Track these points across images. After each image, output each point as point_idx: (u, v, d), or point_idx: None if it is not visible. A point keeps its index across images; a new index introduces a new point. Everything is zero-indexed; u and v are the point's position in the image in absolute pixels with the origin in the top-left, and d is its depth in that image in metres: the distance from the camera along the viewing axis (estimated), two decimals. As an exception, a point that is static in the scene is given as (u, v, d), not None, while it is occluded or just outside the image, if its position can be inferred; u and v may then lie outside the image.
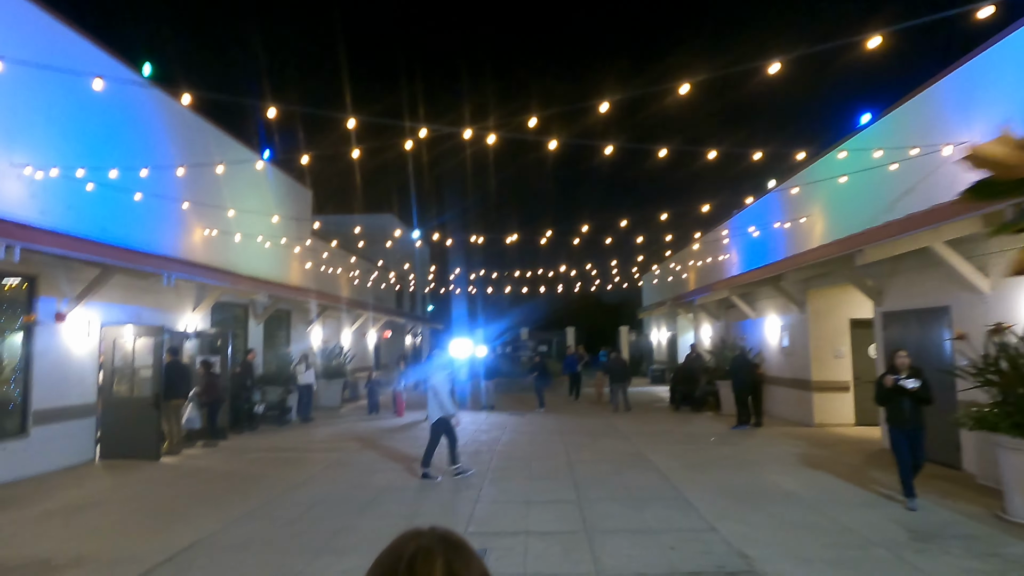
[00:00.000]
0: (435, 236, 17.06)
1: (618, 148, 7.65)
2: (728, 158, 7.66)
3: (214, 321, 14.72)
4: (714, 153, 7.44)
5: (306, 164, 11.06)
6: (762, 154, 7.53)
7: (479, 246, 18.12)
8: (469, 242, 18.32)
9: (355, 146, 8.74)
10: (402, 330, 33.40)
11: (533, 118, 6.34)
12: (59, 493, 8.45)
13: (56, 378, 9.95)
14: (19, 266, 9.29)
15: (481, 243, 18.05)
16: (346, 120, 7.25)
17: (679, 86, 5.72)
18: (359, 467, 10.27)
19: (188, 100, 12.27)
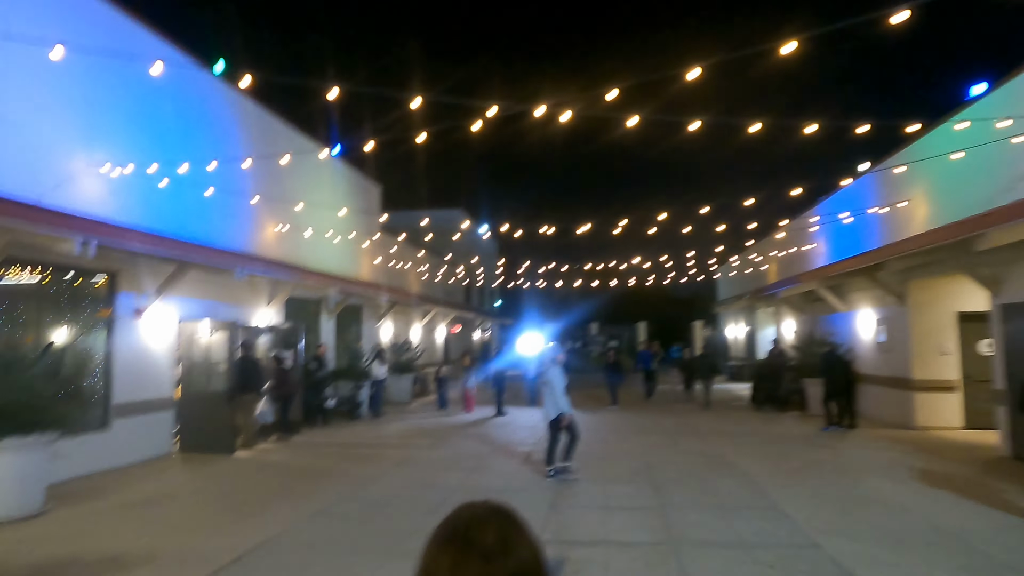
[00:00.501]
0: (503, 229, 16.66)
1: (705, 124, 7.00)
2: (826, 133, 6.88)
3: (287, 316, 14.85)
4: (813, 127, 6.68)
5: (374, 157, 10.93)
6: (868, 127, 6.71)
7: (547, 239, 17.61)
8: (537, 235, 17.84)
9: (423, 130, 8.43)
10: (471, 325, 33.35)
11: (612, 90, 5.80)
12: (137, 486, 8.54)
13: (135, 372, 10.14)
14: (99, 262, 9.46)
15: (549, 235, 17.58)
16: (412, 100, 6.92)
17: (779, 45, 5.07)
18: (429, 465, 10.01)
19: (257, 94, 12.34)
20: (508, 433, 13.49)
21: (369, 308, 19.98)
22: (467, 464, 10.08)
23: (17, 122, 8.27)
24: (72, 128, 9.21)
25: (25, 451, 6.99)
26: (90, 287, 9.61)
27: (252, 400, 11.56)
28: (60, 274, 9.07)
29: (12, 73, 8.24)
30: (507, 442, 12.28)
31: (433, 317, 25.67)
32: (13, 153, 8.15)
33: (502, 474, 9.35)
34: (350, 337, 18.72)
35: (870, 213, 13.99)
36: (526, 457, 10.67)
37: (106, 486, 8.49)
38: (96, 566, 5.62)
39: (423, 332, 24.84)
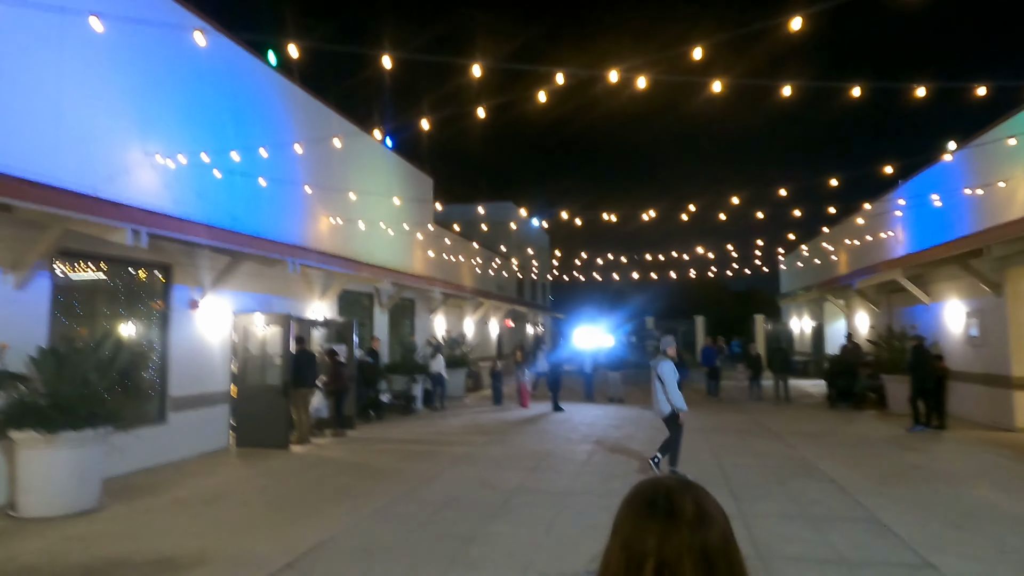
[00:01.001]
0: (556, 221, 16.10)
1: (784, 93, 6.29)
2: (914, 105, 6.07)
3: (341, 309, 14.68)
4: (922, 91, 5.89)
5: (427, 148, 10.61)
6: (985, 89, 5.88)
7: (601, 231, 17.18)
8: (591, 227, 17.26)
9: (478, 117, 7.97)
10: (524, 319, 32.90)
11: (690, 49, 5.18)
12: (192, 482, 8.38)
13: (191, 365, 10.03)
14: (154, 255, 9.35)
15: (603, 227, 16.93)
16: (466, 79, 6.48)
17: None
18: (488, 463, 9.56)
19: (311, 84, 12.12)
20: (567, 430, 12.96)
21: (422, 302, 19.73)
22: (526, 463, 9.59)
23: (72, 114, 8.18)
24: (126, 119, 9.10)
25: (80, 446, 6.85)
26: (145, 280, 9.52)
27: (307, 394, 11.36)
28: (116, 267, 8.98)
29: (67, 64, 8.14)
30: (566, 439, 11.74)
31: (486, 311, 25.32)
32: (68, 145, 8.06)
33: (564, 474, 8.83)
34: (403, 331, 18.50)
35: (964, 194, 12.82)
36: (588, 456, 10.12)
37: (162, 481, 8.36)
38: (146, 568, 5.36)
39: (476, 326, 24.51)
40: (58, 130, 7.96)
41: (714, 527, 1.07)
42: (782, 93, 6.19)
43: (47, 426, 6.59)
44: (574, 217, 16.30)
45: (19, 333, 7.18)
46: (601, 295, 46.64)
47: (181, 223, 7.91)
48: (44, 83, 7.82)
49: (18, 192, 6.17)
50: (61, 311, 8.07)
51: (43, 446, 6.67)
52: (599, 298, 46.41)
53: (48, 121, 7.86)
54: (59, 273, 8.04)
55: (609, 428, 13.27)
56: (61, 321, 8.11)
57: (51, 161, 7.64)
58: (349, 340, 13.16)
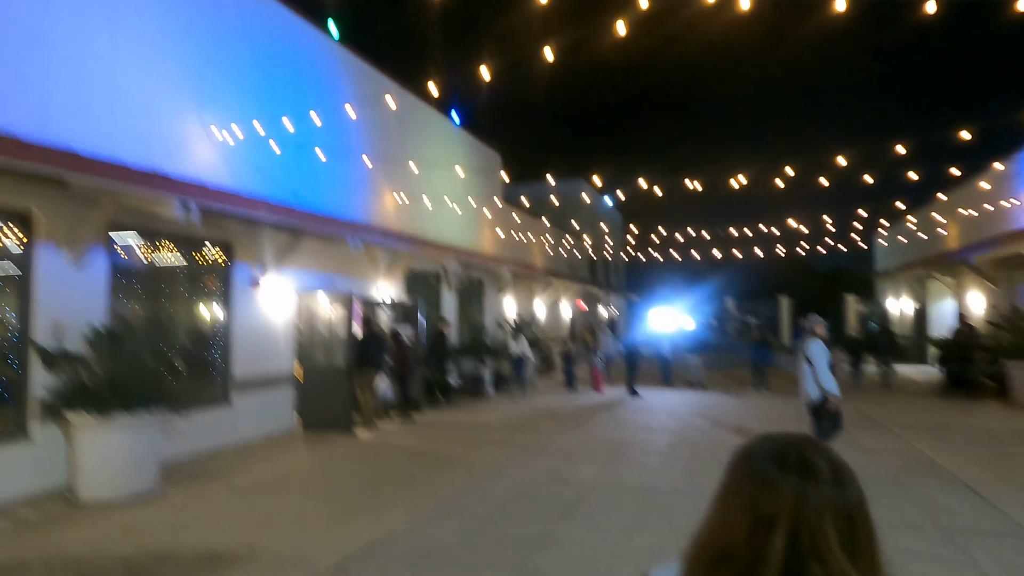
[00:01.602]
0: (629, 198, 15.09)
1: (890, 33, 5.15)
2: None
3: (407, 289, 14.25)
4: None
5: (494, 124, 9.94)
6: None
7: (678, 208, 16.08)
8: (666, 205, 16.14)
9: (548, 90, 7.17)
10: (597, 300, 31.92)
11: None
12: (252, 467, 8.07)
13: (254, 346, 9.77)
14: (214, 232, 9.07)
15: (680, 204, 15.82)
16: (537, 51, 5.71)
17: None
18: (560, 454, 8.85)
19: (375, 59, 11.60)
20: (645, 418, 12.08)
21: (491, 282, 19.15)
22: (602, 454, 8.82)
23: (127, 88, 7.90)
24: (184, 93, 8.80)
25: (135, 430, 6.58)
26: (206, 258, 9.27)
27: (372, 377, 10.97)
28: (175, 245, 8.74)
29: (121, 36, 7.86)
30: (645, 428, 10.88)
31: (558, 292, 24.54)
32: (124, 120, 7.78)
33: (645, 469, 8.01)
34: (472, 312, 17.99)
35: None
36: (670, 448, 9.24)
37: (222, 466, 8.09)
38: (190, 564, 4.95)
39: (547, 307, 23.79)
40: (113, 105, 7.69)
41: (852, 485, 1.00)
42: (918, 13, 5.06)
43: (101, 408, 6.34)
44: (648, 192, 15.23)
45: (76, 312, 6.97)
46: (677, 275, 44.97)
47: (234, 196, 7.53)
48: (98, 56, 7.55)
49: (64, 163, 5.86)
50: (119, 290, 7.86)
51: (97, 429, 6.43)
52: (675, 279, 44.78)
53: (103, 96, 7.59)
54: (117, 251, 7.83)
55: (692, 416, 12.30)
56: (121, 300, 7.92)
57: (107, 137, 7.37)
58: (415, 321, 12.70)
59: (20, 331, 6.68)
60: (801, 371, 7.62)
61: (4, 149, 5.63)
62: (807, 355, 7.49)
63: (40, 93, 6.85)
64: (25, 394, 6.66)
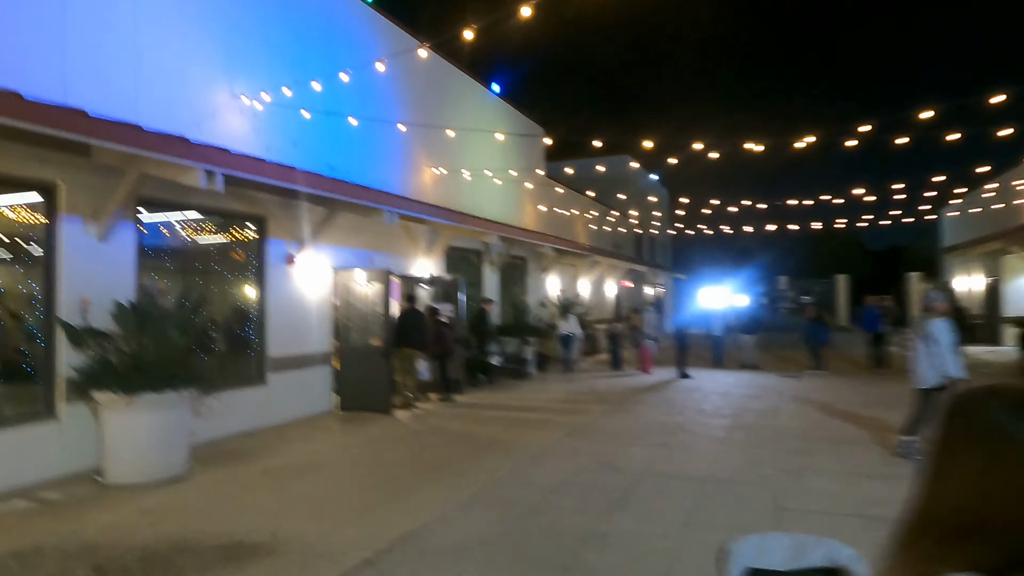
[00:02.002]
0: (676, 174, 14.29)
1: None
2: None
3: (448, 267, 13.83)
4: None
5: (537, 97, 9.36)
6: None
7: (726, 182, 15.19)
8: (715, 178, 15.30)
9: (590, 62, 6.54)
10: (643, 279, 31.04)
11: None
12: (286, 449, 7.77)
13: (290, 324, 9.47)
14: (246, 205, 8.76)
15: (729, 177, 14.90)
16: None
17: None
18: (607, 437, 8.30)
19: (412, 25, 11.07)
20: (697, 400, 11.41)
21: (534, 260, 18.60)
22: (652, 438, 8.24)
23: (153, 55, 7.57)
24: (213, 62, 8.46)
25: (162, 409, 6.31)
26: (239, 234, 8.98)
27: (411, 356, 10.60)
28: (207, 219, 8.46)
29: (146, 2, 7.52)
30: (698, 411, 10.23)
31: (603, 270, 23.83)
32: (148, 88, 7.46)
33: (701, 455, 7.40)
34: (515, 291, 17.50)
35: None
36: (726, 433, 8.59)
37: (256, 447, 7.82)
38: (210, 554, 4.62)
39: (592, 286, 23.12)
40: (137, 72, 7.37)
41: None
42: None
43: (125, 387, 6.07)
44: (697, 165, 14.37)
45: (103, 288, 6.72)
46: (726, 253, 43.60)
47: (261, 164, 7.15)
48: (121, 21, 7.22)
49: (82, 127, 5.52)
50: (148, 266, 7.61)
51: (123, 408, 6.18)
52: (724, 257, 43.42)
53: (127, 63, 7.28)
54: (145, 225, 7.57)
55: (746, 399, 11.57)
56: (150, 276, 7.67)
57: (131, 106, 7.05)
58: (455, 299, 12.27)
59: (45, 307, 6.46)
60: (916, 353, 6.85)
61: (24, 114, 5.32)
62: (927, 335, 6.70)
63: (61, 60, 6.55)
64: (52, 372, 6.46)
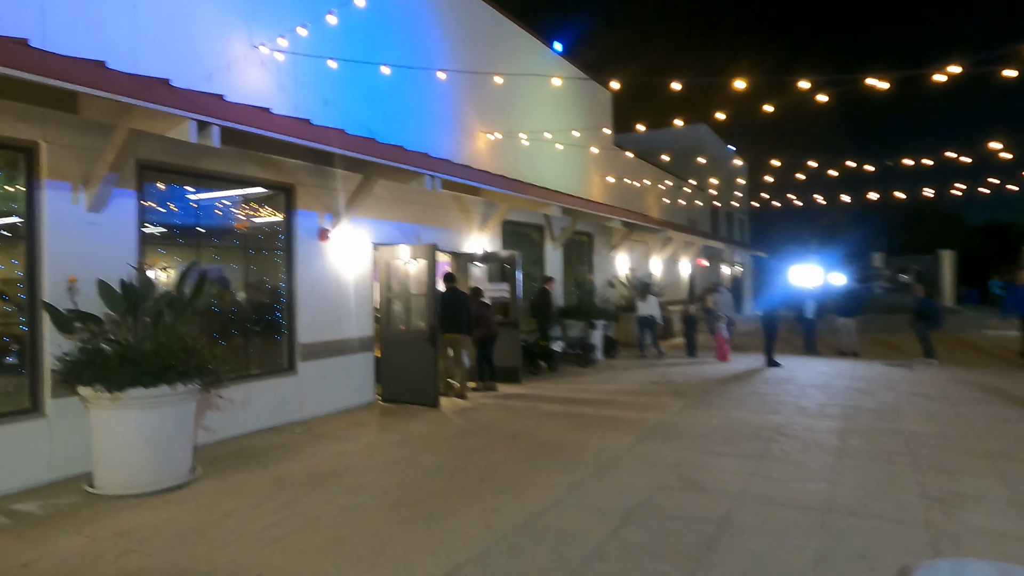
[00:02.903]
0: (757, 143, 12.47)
1: None
2: None
3: (505, 244, 12.57)
4: None
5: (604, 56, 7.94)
6: None
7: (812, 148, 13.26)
8: (799, 143, 13.35)
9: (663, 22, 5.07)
10: (719, 257, 28.90)
11: None
12: (310, 449, 6.74)
13: (324, 307, 8.45)
14: (270, 172, 7.74)
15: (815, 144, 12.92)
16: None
17: None
18: (689, 442, 6.87)
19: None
20: (794, 394, 9.76)
21: (601, 236, 17.10)
22: (746, 445, 6.75)
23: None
24: (229, 5, 7.42)
25: (158, 407, 5.34)
26: (262, 205, 7.97)
27: (456, 342, 9.45)
28: (223, 188, 7.48)
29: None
30: (798, 409, 8.62)
31: (676, 248, 22.03)
32: (149, 35, 6.48)
33: (813, 471, 5.88)
34: (580, 269, 16.08)
35: None
36: (840, 439, 6.99)
37: (279, 447, 6.82)
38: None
39: (664, 265, 21.40)
40: (134, 18, 6.39)
41: None
42: None
43: (109, 381, 5.12)
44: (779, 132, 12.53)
45: (98, 266, 5.80)
46: (810, 229, 40.55)
47: (269, 117, 6.04)
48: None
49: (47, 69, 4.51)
50: (155, 241, 6.68)
51: (109, 406, 5.24)
52: (808, 233, 40.41)
53: (120, 5, 6.30)
54: (151, 194, 6.63)
55: (853, 393, 9.83)
56: (157, 253, 6.76)
57: (128, 55, 6.09)
58: (512, 277, 10.99)
59: (28, 288, 5.58)
60: None
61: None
62: None
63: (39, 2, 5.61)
64: (38, 362, 5.60)
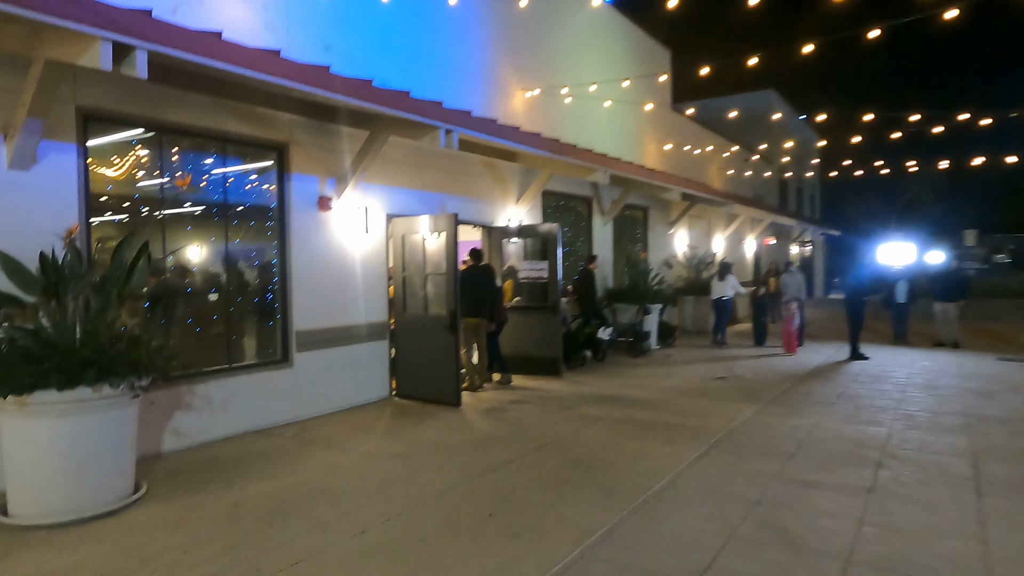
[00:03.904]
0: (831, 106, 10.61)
1: None
2: None
3: (547, 218, 11.12)
4: None
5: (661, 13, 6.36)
6: None
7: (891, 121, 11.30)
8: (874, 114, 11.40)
9: None
10: (786, 235, 26.56)
11: None
12: (292, 460, 5.53)
13: (326, 288, 7.23)
14: (256, 127, 6.51)
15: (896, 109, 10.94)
16: None
17: None
18: (768, 463, 5.32)
19: None
20: (893, 397, 8.02)
21: (657, 211, 15.40)
22: (845, 471, 5.16)
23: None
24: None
25: (79, 414, 4.19)
26: (248, 166, 6.76)
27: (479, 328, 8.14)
28: (200, 146, 6.30)
29: None
30: (903, 417, 6.91)
31: (740, 224, 20.05)
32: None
33: (947, 516, 4.26)
34: (632, 248, 14.46)
35: None
36: (972, 463, 5.30)
37: (257, 456, 5.65)
38: None
39: (727, 244, 19.49)
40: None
41: None
42: None
43: (8, 381, 4.00)
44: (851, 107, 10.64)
45: (20, 235, 4.69)
46: (888, 206, 37.40)
47: (222, 45, 4.76)
48: None
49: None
50: (106, 208, 5.56)
51: (16, 413, 4.12)
52: (885, 210, 37.30)
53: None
54: (100, 150, 5.49)
55: (970, 396, 8.01)
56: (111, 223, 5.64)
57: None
58: (553, 254, 9.53)
59: (-69, 263, 4.51)
60: None
61: None
62: None
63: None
64: (-54, 356, 4.54)
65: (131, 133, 5.69)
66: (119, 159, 5.66)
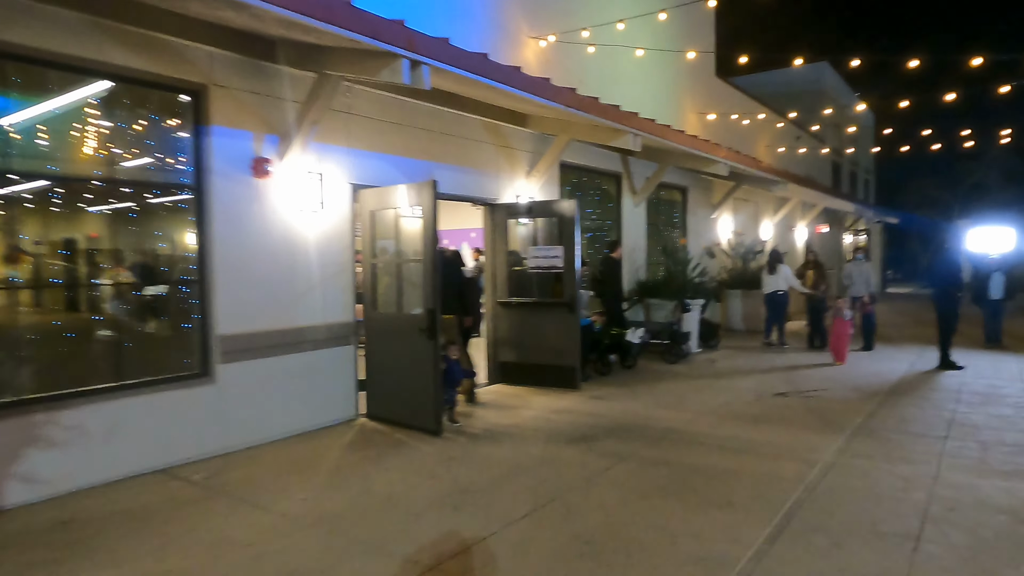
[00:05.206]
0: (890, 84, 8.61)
1: None
2: None
3: (566, 196, 9.26)
4: None
5: None
6: None
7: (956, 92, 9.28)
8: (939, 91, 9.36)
9: None
10: (839, 222, 24.10)
11: None
12: (177, 528, 3.82)
13: (264, 279, 5.53)
14: (161, 64, 4.82)
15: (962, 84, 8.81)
16: None
17: None
18: (880, 547, 3.43)
19: None
20: (1019, 426, 5.97)
21: (698, 191, 13.37)
22: (977, 561, 3.25)
23: None
24: None
25: None
26: (147, 114, 5.06)
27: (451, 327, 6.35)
28: (77, 87, 4.63)
29: None
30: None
31: (791, 209, 17.85)
32: None
33: None
34: (668, 234, 12.48)
35: None
36: None
37: (135, 515, 3.97)
38: None
39: (777, 231, 17.32)
40: None
41: None
42: None
43: None
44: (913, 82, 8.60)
45: None
46: (951, 191, 34.38)
47: None
48: None
49: None
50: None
51: None
52: (948, 194, 34.32)
53: None
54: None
55: None
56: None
57: None
58: (570, 237, 7.65)
59: None
60: None
61: None
62: None
63: None
64: None
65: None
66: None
